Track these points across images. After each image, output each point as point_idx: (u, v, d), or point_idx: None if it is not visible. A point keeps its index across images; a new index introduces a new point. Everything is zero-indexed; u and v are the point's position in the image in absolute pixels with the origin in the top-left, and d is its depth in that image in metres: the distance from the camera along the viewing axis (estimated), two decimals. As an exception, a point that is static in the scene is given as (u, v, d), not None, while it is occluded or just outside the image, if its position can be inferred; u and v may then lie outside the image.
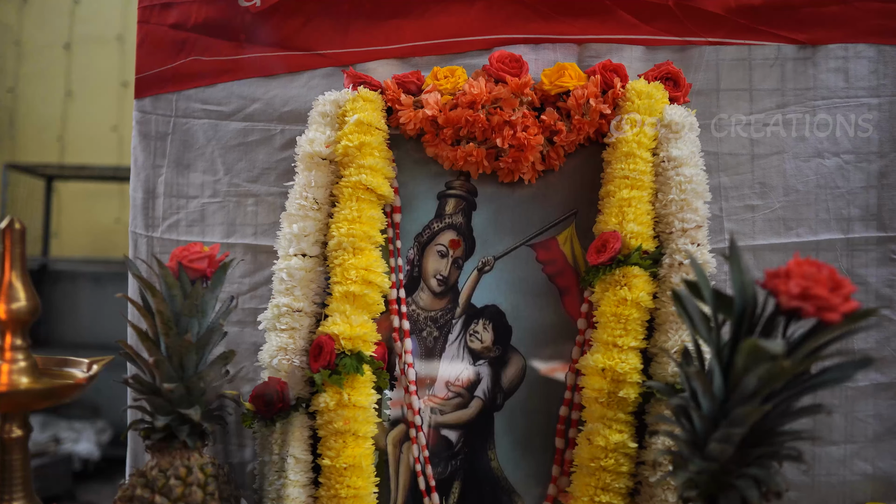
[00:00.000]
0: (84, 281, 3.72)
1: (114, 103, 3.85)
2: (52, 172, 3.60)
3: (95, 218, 3.83)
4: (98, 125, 3.85)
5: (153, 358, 0.75)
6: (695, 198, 0.87)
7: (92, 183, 3.78)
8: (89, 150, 3.83)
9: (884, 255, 1.01)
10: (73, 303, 3.73)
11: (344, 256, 0.89)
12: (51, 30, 3.86)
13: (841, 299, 0.59)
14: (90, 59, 3.87)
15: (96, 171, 3.56)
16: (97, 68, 3.86)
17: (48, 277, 3.71)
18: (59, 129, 3.85)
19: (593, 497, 0.81)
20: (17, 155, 3.81)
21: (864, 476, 1.00)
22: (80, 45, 3.87)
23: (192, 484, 0.74)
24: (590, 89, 0.94)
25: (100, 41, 3.86)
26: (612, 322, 0.84)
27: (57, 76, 3.85)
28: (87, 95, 3.88)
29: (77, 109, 3.87)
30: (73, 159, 3.80)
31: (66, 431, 3.40)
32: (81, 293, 3.74)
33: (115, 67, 3.86)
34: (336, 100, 0.98)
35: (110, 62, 3.85)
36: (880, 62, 1.02)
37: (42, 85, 3.86)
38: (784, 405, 0.63)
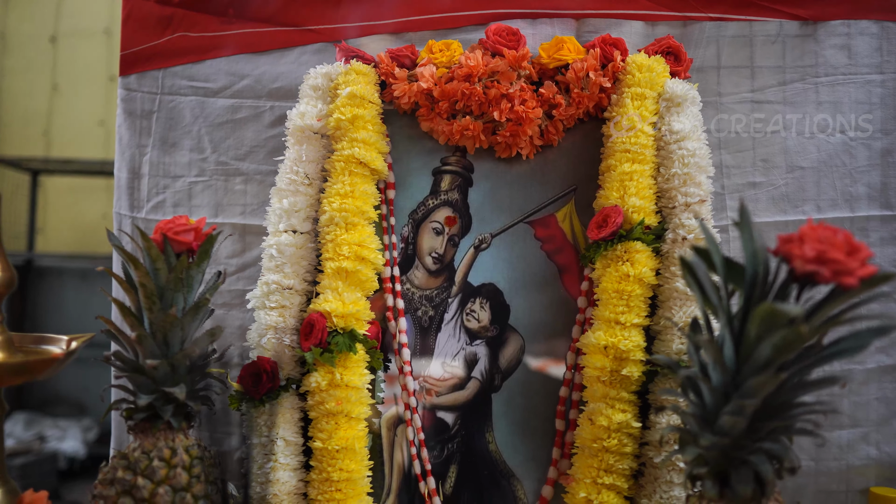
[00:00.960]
0: (70, 277, 3.66)
1: (101, 97, 3.80)
2: (37, 167, 3.55)
3: (82, 213, 3.77)
4: (85, 119, 3.80)
5: (135, 333, 0.71)
6: (698, 172, 0.85)
7: (78, 178, 3.73)
8: (76, 145, 3.77)
9: (889, 235, 0.99)
10: (58, 299, 3.68)
11: (336, 232, 0.85)
12: (36, 23, 3.80)
13: (858, 263, 0.56)
14: (77, 52, 3.81)
15: (82, 165, 3.51)
16: (84, 62, 3.80)
17: (33, 273, 3.66)
18: (44, 123, 3.79)
19: (595, 479, 0.77)
20: (1, 149, 3.75)
21: (870, 460, 0.98)
22: (66, 39, 3.82)
23: (177, 466, 0.71)
24: (589, 62, 0.91)
25: (86, 34, 3.81)
26: (614, 299, 0.81)
27: (43, 70, 3.80)
28: (74, 89, 3.82)
29: (63, 103, 3.81)
30: (58, 153, 3.75)
31: (52, 429, 3.34)
32: (67, 289, 3.69)
33: (102, 61, 3.81)
34: (328, 73, 0.94)
35: (97, 56, 3.80)
36: (884, 38, 1.00)
37: (27, 78, 3.80)
38: (798, 376, 0.61)
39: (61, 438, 3.29)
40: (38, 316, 3.66)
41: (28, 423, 3.35)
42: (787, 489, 0.97)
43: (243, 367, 0.82)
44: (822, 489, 0.98)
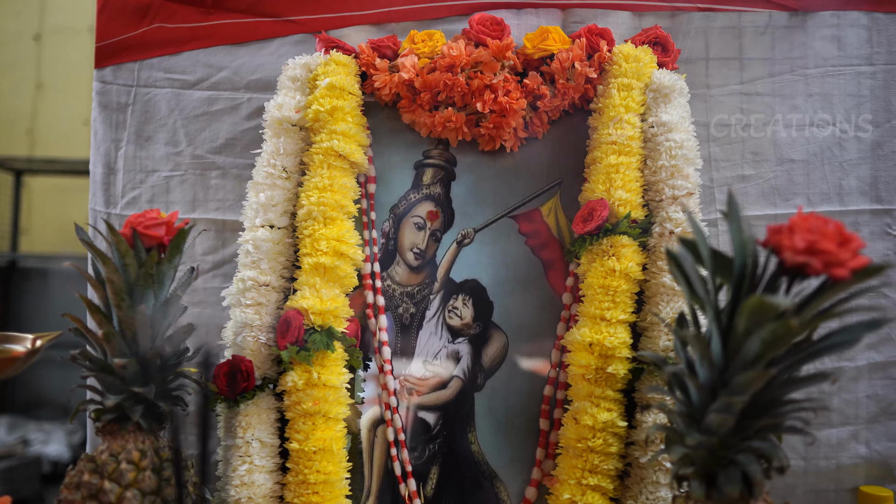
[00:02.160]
0: (55, 278, 3.62)
1: (85, 96, 3.75)
2: (20, 166, 3.51)
3: (67, 214, 3.73)
4: (69, 118, 3.76)
5: (102, 331, 0.69)
6: (686, 164, 0.83)
7: (63, 178, 3.70)
8: (60, 144, 3.73)
9: (880, 229, 0.98)
10: (42, 300, 3.63)
11: (314, 227, 0.83)
12: (21, 20, 3.77)
13: (850, 254, 0.54)
14: (61, 50, 3.78)
15: (66, 164, 3.47)
16: (68, 60, 3.77)
17: (17, 274, 3.62)
18: (28, 122, 3.76)
19: (580, 480, 0.75)
20: (-16, 149, 3.71)
21: (860, 459, 0.97)
22: (50, 37, 3.79)
23: (146, 469, 0.68)
24: (575, 52, 0.89)
25: (71, 32, 3.78)
26: (600, 294, 0.79)
27: (27, 68, 3.76)
28: (58, 88, 3.79)
29: (47, 102, 3.78)
30: (42, 152, 3.71)
31: (35, 433, 3.30)
32: (52, 290, 3.65)
33: (87, 59, 3.76)
34: (307, 63, 0.92)
35: (82, 54, 3.77)
36: (874, 30, 0.99)
37: (11, 77, 3.76)
38: (787, 372, 0.59)
39: (45, 442, 3.25)
40: (22, 317, 3.62)
41: (11, 427, 3.31)
42: (776, 489, 0.95)
43: (217, 366, 0.79)
44: (811, 488, 0.96)
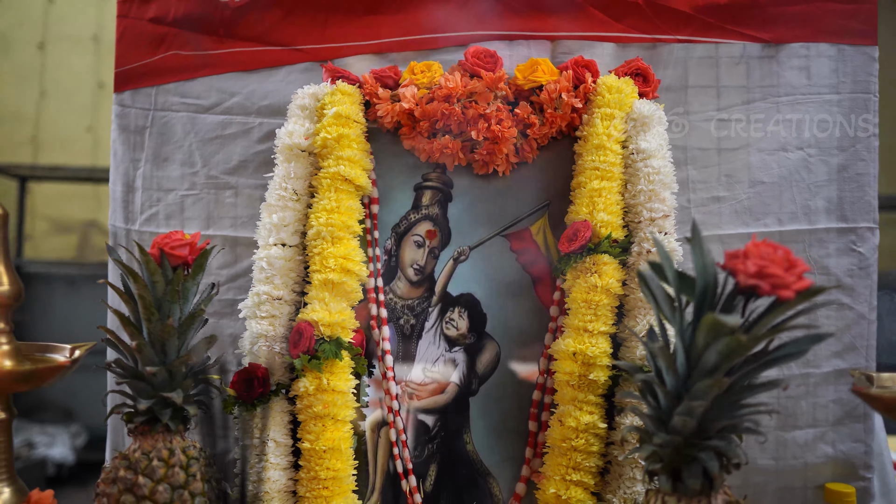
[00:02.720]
0: (58, 284, 3.69)
1: (89, 104, 3.84)
2: (25, 173, 3.58)
3: (69, 219, 3.80)
4: (73, 126, 3.83)
5: (135, 342, 0.77)
6: (662, 188, 0.91)
7: (66, 184, 3.76)
8: (64, 151, 3.81)
9: (845, 246, 1.06)
10: (47, 306, 3.70)
11: (323, 245, 0.91)
12: (25, 29, 3.84)
13: (794, 277, 0.63)
14: (65, 58, 3.85)
15: (70, 171, 3.54)
16: (72, 68, 3.84)
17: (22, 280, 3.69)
18: (32, 129, 3.83)
19: (564, 476, 0.84)
20: (-12, 155, 3.78)
21: (826, 458, 1.05)
22: (54, 45, 3.86)
23: (175, 465, 0.77)
24: (562, 84, 0.97)
25: (75, 41, 3.85)
26: (583, 308, 0.88)
27: (31, 76, 3.83)
28: (62, 96, 3.86)
29: (51, 110, 3.85)
30: (46, 160, 3.78)
31: (40, 436, 3.37)
32: (56, 296, 3.71)
33: (91, 68, 3.85)
34: (315, 93, 1.01)
35: (85, 62, 3.84)
36: (840, 61, 1.07)
37: (15, 84, 3.83)
38: (744, 380, 0.67)
39: (50, 445, 3.32)
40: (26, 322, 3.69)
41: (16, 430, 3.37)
42: (749, 485, 1.04)
43: (236, 373, 0.88)
44: (782, 486, 1.05)
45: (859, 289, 1.06)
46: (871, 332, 1.07)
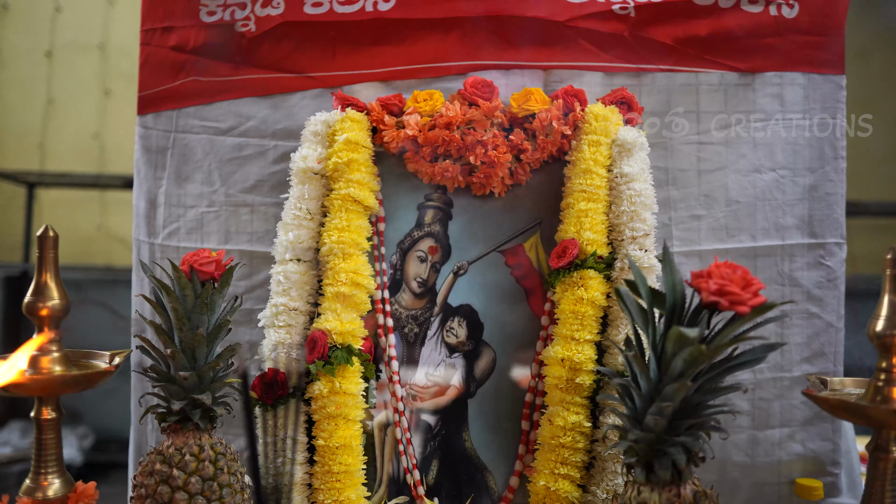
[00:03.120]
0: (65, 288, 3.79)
1: (95, 111, 3.94)
2: (33, 180, 3.67)
3: (76, 225, 3.90)
4: (79, 133, 3.93)
5: (170, 350, 0.87)
6: (643, 209, 1.01)
7: (73, 190, 3.86)
8: (70, 158, 3.91)
9: (814, 260, 1.16)
10: (53, 309, 3.79)
11: (335, 261, 1.01)
12: (32, 37, 3.94)
13: (750, 295, 0.73)
14: (71, 66, 3.95)
15: (77, 178, 3.64)
16: (78, 76, 3.94)
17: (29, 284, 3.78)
18: (39, 136, 3.92)
19: (553, 470, 0.94)
20: (-3, 161, 3.88)
21: (796, 455, 1.15)
22: (61, 53, 3.96)
23: (205, 460, 0.87)
24: (553, 112, 1.07)
25: (81, 49, 3.95)
26: (571, 318, 0.98)
27: (38, 83, 3.93)
28: (69, 103, 3.96)
29: (58, 117, 3.95)
30: (53, 166, 3.88)
31: (48, 437, 3.47)
32: (62, 299, 3.80)
33: (97, 75, 3.95)
34: (326, 120, 1.11)
35: (91, 70, 3.94)
36: (809, 88, 1.17)
37: (23, 92, 3.93)
38: (709, 384, 0.77)
39: (57, 445, 3.42)
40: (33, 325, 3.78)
41: (24, 432, 3.48)
42: (727, 479, 1.14)
43: (257, 377, 0.98)
44: (756, 481, 1.14)
45: (827, 299, 1.16)
46: (838, 339, 1.17)
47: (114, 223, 3.91)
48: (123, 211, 3.91)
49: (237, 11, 1.23)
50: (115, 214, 3.91)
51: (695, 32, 1.16)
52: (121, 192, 3.84)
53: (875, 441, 0.79)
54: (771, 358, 1.15)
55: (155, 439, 1.24)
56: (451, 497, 1.06)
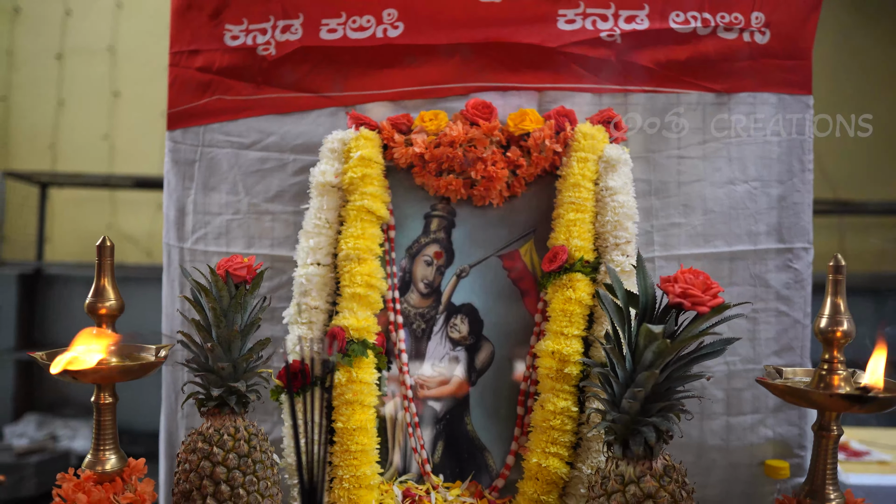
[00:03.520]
0: (76, 285, 3.93)
1: (104, 112, 4.08)
2: (46, 180, 3.81)
3: (87, 224, 4.05)
4: (89, 133, 4.07)
5: (209, 343, 1.01)
6: (626, 219, 1.15)
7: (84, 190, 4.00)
8: (80, 158, 4.05)
9: (783, 263, 1.30)
10: (66, 306, 3.94)
11: (351, 265, 1.16)
12: (43, 40, 4.08)
13: (710, 297, 0.87)
14: (81, 69, 4.09)
15: (88, 178, 3.78)
16: (88, 78, 4.09)
17: (43, 281, 3.93)
18: (50, 136, 4.07)
19: (545, 449, 1.08)
20: (9, 162, 4.03)
21: (766, 439, 1.28)
22: (71, 56, 4.10)
23: (240, 439, 1.01)
24: (545, 132, 1.21)
25: (91, 52, 4.09)
26: (561, 316, 1.12)
27: (49, 85, 4.08)
28: (79, 104, 4.10)
29: (68, 118, 4.09)
30: (64, 166, 4.03)
31: (63, 429, 3.62)
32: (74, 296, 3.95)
33: (106, 77, 4.09)
34: (342, 138, 1.25)
35: (101, 72, 4.08)
36: (780, 107, 1.30)
37: (34, 94, 4.08)
38: (677, 372, 0.91)
39: (72, 438, 3.57)
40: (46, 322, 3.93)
41: (40, 424, 3.64)
42: (703, 461, 1.28)
43: (282, 368, 1.12)
44: (731, 462, 1.28)
45: (795, 299, 1.30)
46: (805, 334, 1.31)
47: (123, 222, 4.05)
48: (133, 210, 4.05)
49: (258, 36, 1.37)
50: (124, 213, 4.06)
51: (675, 57, 1.29)
52: (130, 191, 3.99)
53: (819, 422, 0.93)
54: (744, 351, 1.29)
55: (185, 425, 1.38)
56: (454, 474, 1.21)
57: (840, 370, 0.92)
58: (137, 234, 4.01)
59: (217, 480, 0.98)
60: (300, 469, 0.81)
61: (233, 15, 1.38)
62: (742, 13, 1.29)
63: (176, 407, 1.39)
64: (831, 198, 3.75)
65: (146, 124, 4.01)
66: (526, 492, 1.09)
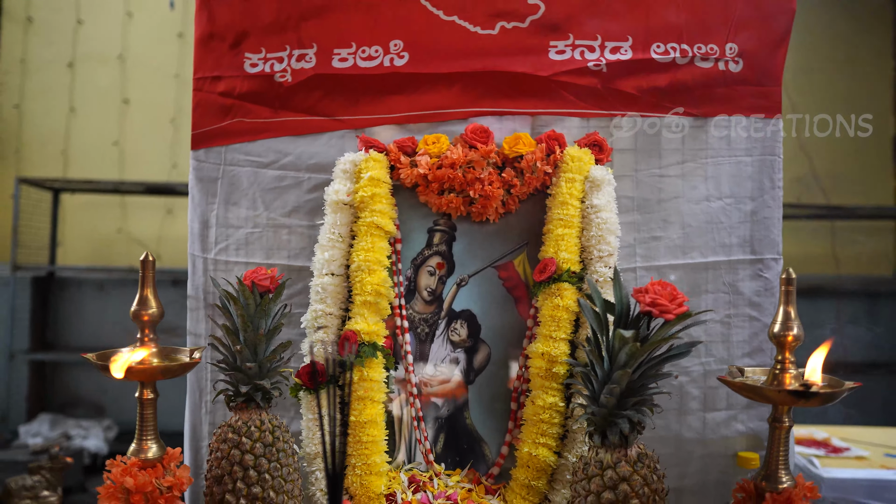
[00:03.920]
0: (88, 287, 4.09)
1: (115, 119, 4.24)
2: (58, 186, 3.97)
3: (98, 228, 4.21)
4: (100, 140, 4.24)
5: (238, 346, 1.16)
6: (609, 234, 1.30)
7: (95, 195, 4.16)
8: (91, 163, 4.21)
9: (755, 273, 1.44)
10: (77, 308, 4.10)
11: (362, 276, 1.31)
12: (55, 49, 4.24)
13: (676, 306, 1.02)
14: (92, 76, 4.25)
15: (99, 184, 3.93)
16: (99, 85, 4.25)
17: (55, 284, 4.09)
18: (62, 143, 4.23)
19: (535, 440, 1.23)
20: (22, 168, 4.18)
21: (739, 433, 1.43)
22: (82, 64, 4.26)
23: (265, 430, 1.16)
24: (537, 154, 1.36)
25: (101, 60, 4.25)
26: (550, 321, 1.27)
27: (60, 93, 4.24)
28: (90, 111, 4.26)
29: (80, 125, 4.25)
30: (75, 172, 4.19)
31: (76, 429, 3.78)
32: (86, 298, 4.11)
33: (116, 85, 4.25)
34: (353, 160, 1.40)
35: (111, 80, 4.25)
36: (752, 130, 1.45)
37: (46, 101, 4.24)
38: (649, 371, 1.05)
39: (85, 437, 3.74)
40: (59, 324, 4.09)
41: (53, 424, 3.80)
42: (681, 452, 1.42)
43: (301, 367, 1.27)
44: (706, 453, 1.42)
45: (765, 305, 1.44)
46: (774, 338, 1.45)
47: (133, 226, 4.21)
48: (142, 214, 4.21)
49: (276, 64, 1.52)
50: (134, 218, 4.22)
51: (656, 84, 1.44)
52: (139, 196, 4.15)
53: (773, 414, 1.08)
54: (718, 353, 1.44)
55: (208, 420, 1.53)
56: (454, 463, 1.36)
57: (791, 369, 1.07)
58: (146, 238, 4.17)
59: (246, 466, 1.13)
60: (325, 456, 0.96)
61: (252, 45, 1.53)
62: (717, 44, 1.44)
63: (200, 403, 1.54)
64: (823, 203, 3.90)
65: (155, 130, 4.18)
66: (518, 478, 1.24)
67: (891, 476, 2.06)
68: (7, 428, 3.86)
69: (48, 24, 4.24)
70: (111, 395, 4.03)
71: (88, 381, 4.05)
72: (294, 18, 1.50)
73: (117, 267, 4.03)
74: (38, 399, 4.04)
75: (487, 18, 1.46)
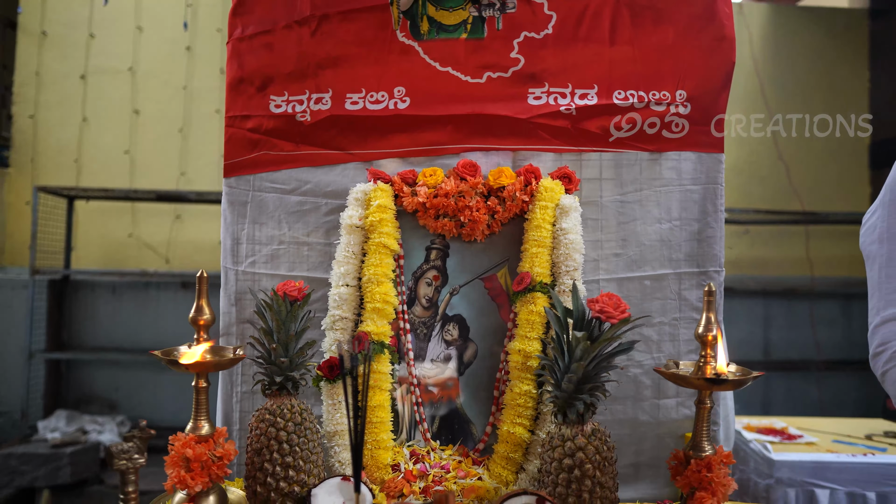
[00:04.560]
0: (101, 290, 4.41)
1: (126, 129, 4.55)
2: (73, 194, 4.28)
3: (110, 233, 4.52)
4: (112, 149, 4.55)
5: (273, 344, 1.49)
6: (575, 252, 1.63)
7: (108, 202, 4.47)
8: (103, 172, 4.53)
9: (699, 283, 1.77)
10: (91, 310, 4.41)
11: (372, 287, 1.63)
12: (68, 61, 4.55)
13: (619, 312, 1.35)
14: (104, 88, 4.57)
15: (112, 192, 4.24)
16: (110, 97, 4.56)
17: (70, 287, 4.40)
18: (75, 152, 4.53)
19: (513, 421, 1.56)
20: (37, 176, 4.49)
21: (686, 417, 1.76)
22: (94, 76, 4.57)
23: (295, 413, 1.48)
24: (517, 185, 1.69)
25: (113, 72, 4.56)
26: (525, 324, 1.60)
27: (74, 104, 4.55)
28: (102, 122, 4.57)
29: (92, 134, 4.56)
30: (88, 180, 4.50)
31: (91, 425, 4.10)
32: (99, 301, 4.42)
33: (127, 96, 4.57)
34: (364, 189, 1.72)
35: (122, 91, 4.56)
36: (699, 163, 1.78)
37: (60, 112, 4.56)
38: (602, 363, 1.38)
39: (100, 432, 4.06)
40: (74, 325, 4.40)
41: (69, 419, 4.12)
42: (636, 433, 1.74)
43: (322, 362, 1.60)
44: (658, 433, 1.75)
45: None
46: (716, 337, 1.78)
47: (144, 232, 4.52)
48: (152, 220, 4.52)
49: (297, 106, 1.84)
50: (144, 224, 4.53)
51: (617, 125, 1.77)
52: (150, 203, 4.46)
53: (699, 397, 1.41)
54: (668, 350, 1.76)
55: (239, 408, 1.85)
56: (447, 440, 1.69)
57: (712, 363, 1.40)
58: (156, 243, 4.48)
59: (280, 441, 1.46)
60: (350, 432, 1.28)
61: (276, 89, 1.85)
62: (669, 91, 1.76)
63: (231, 393, 1.87)
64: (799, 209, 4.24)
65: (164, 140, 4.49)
66: (500, 451, 1.57)
67: (833, 458, 2.41)
68: (27, 424, 4.17)
69: (62, 39, 4.53)
70: (123, 392, 4.34)
71: (101, 378, 4.36)
72: (312, 67, 1.83)
73: (129, 270, 4.34)
74: (55, 396, 4.35)
75: (476, 70, 1.79)
